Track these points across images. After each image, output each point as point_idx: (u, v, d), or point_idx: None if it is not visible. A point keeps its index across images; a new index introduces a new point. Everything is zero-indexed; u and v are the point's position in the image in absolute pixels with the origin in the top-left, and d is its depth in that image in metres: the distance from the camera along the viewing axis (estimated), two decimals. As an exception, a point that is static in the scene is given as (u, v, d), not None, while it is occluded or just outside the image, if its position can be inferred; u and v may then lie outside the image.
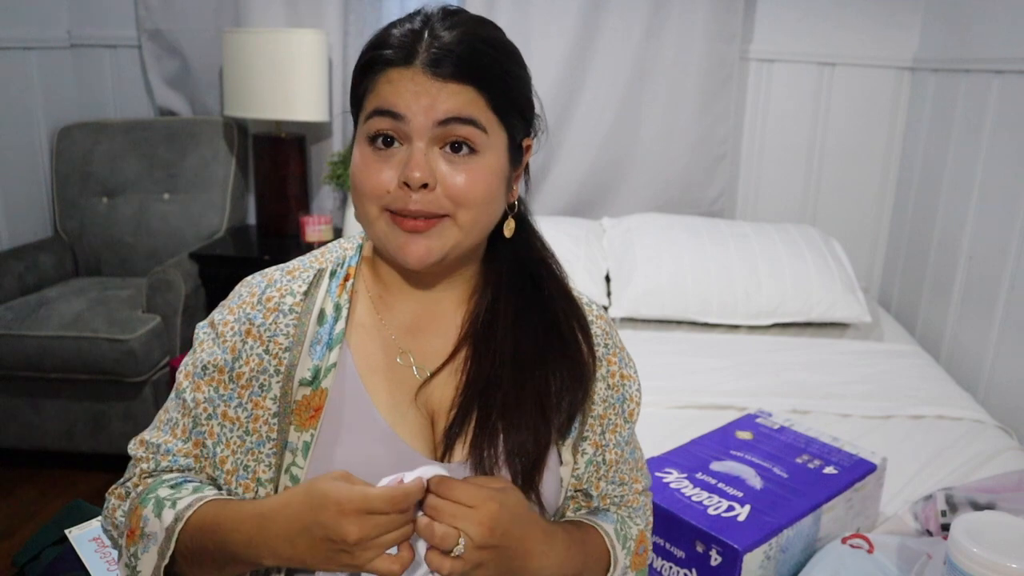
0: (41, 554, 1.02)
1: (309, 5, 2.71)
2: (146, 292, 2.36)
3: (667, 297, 2.31)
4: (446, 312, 0.87)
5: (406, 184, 0.75)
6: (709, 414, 1.69)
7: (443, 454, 0.82)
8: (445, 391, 0.84)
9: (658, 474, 1.18)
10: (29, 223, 2.74)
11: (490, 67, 0.77)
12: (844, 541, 1.12)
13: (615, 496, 0.93)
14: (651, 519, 0.98)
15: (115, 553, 0.95)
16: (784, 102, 2.81)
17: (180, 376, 0.85)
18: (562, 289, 0.89)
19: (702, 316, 2.32)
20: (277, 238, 2.76)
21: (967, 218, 2.23)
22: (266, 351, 0.80)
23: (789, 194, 2.90)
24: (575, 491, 0.91)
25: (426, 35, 0.76)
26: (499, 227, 0.85)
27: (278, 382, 0.80)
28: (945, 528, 1.23)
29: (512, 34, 0.84)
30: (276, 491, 0.79)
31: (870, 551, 1.09)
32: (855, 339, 2.29)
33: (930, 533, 1.26)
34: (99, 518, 0.95)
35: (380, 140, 0.77)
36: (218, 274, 2.52)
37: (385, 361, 0.84)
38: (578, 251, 2.45)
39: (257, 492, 0.80)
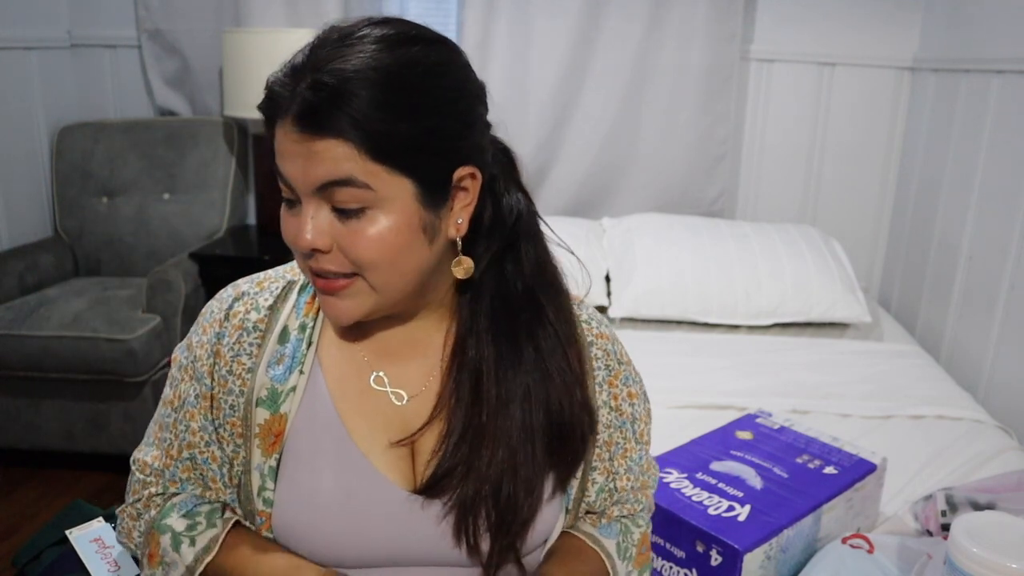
0: (41, 554, 1.02)
1: (309, 5, 2.71)
2: (146, 292, 2.36)
3: (667, 297, 2.31)
4: (423, 337, 0.82)
5: None
6: (709, 414, 1.69)
7: (423, 491, 0.78)
8: (424, 417, 0.80)
9: (658, 474, 1.18)
10: (29, 223, 2.74)
11: (361, 111, 0.66)
12: (844, 541, 1.12)
13: (622, 511, 0.91)
14: (653, 505, 0.98)
15: (115, 553, 0.95)
16: (784, 102, 2.81)
17: (170, 394, 0.83)
18: (563, 321, 0.81)
19: (702, 316, 2.32)
20: (277, 238, 2.73)
21: (967, 218, 2.23)
22: (230, 371, 0.79)
23: (789, 194, 2.90)
24: (585, 513, 0.88)
25: (296, 79, 0.68)
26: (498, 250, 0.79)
27: (243, 403, 0.78)
28: (945, 528, 1.23)
29: (512, 34, 0.82)
30: (240, 507, 0.80)
31: (870, 551, 1.09)
32: (855, 339, 2.29)
33: (930, 533, 1.26)
34: (99, 519, 0.95)
35: (287, 200, 0.73)
36: (218, 274, 2.52)
37: (359, 385, 0.80)
38: (578, 251, 2.42)
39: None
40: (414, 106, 0.68)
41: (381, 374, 0.81)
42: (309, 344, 0.80)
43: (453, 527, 0.77)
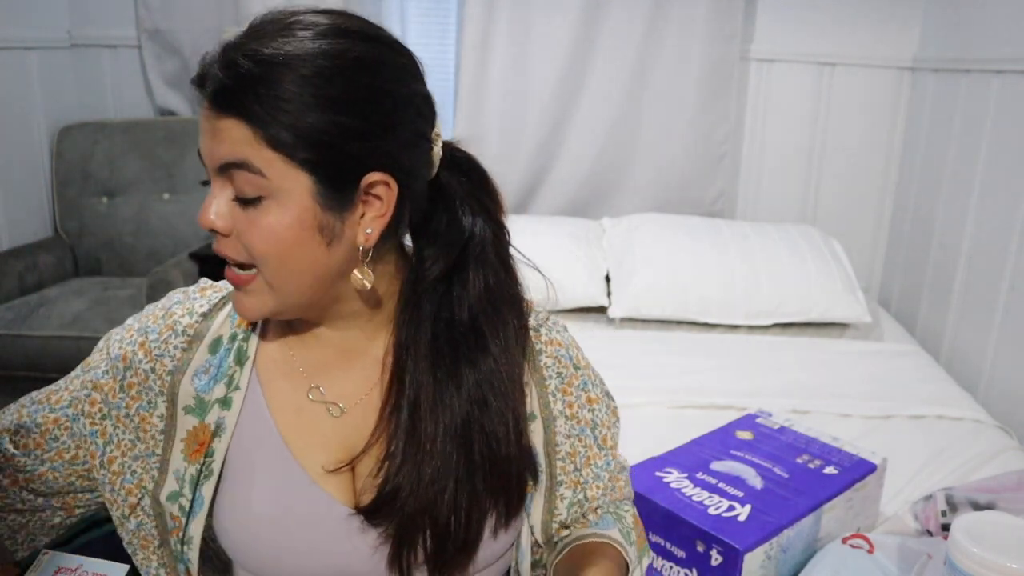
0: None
1: (309, 5, 2.70)
2: (146, 292, 2.36)
3: (667, 297, 2.31)
4: (358, 347, 0.80)
5: None
6: (709, 414, 1.69)
7: (361, 512, 0.76)
8: (364, 431, 0.77)
9: (658, 474, 1.18)
10: (29, 223, 2.73)
11: (266, 96, 0.64)
12: (844, 541, 1.12)
13: (602, 503, 0.88)
14: (632, 492, 0.95)
15: (98, 565, 0.89)
16: (784, 102, 2.81)
17: (95, 355, 0.83)
18: (508, 355, 0.77)
19: (702, 316, 2.32)
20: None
21: (967, 218, 2.23)
22: (152, 369, 0.77)
23: (789, 194, 2.90)
24: (559, 528, 0.85)
25: (220, 57, 0.67)
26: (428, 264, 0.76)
27: (163, 402, 0.77)
28: (945, 528, 1.23)
29: (512, 34, 0.79)
30: (155, 508, 0.77)
31: (870, 551, 1.09)
32: (855, 339, 2.29)
33: (930, 533, 1.26)
34: (45, 551, 0.90)
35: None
36: (218, 274, 2.51)
37: (296, 398, 0.79)
38: (578, 251, 2.44)
39: (141, 500, 0.78)
40: (324, 98, 0.65)
41: (318, 386, 0.79)
42: (241, 357, 0.78)
43: (389, 555, 0.75)
